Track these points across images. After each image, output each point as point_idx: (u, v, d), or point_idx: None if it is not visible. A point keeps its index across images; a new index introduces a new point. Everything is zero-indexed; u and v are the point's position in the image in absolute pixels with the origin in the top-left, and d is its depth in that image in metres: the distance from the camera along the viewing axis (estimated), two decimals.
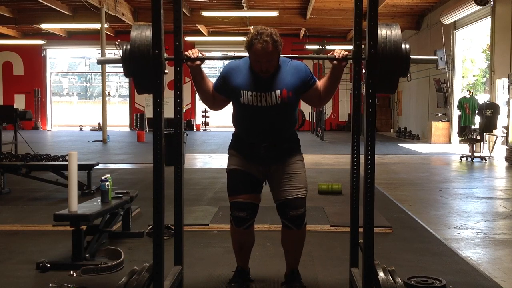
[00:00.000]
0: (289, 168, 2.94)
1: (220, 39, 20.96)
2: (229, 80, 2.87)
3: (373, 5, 2.34)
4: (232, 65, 2.93)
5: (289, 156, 2.97)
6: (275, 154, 2.91)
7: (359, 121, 2.83)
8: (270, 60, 2.74)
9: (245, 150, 2.95)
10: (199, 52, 2.77)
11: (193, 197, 6.12)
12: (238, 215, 2.92)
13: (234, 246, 3.09)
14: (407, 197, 6.42)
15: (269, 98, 2.80)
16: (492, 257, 3.93)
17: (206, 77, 2.90)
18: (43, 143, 15.35)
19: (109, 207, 3.83)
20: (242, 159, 2.95)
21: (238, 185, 2.93)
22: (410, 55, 2.62)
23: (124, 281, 2.39)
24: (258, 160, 2.92)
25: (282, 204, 2.92)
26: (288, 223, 2.93)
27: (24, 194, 6.36)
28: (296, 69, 2.87)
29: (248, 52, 2.77)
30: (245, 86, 2.82)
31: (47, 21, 18.67)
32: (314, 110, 20.25)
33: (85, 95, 41.80)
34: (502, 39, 11.88)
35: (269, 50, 2.70)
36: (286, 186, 2.92)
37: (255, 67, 2.79)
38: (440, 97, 15.95)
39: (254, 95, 2.80)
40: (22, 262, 3.57)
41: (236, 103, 2.89)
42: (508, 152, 10.21)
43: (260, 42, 2.68)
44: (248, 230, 3.00)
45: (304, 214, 2.94)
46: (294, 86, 2.83)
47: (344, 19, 17.27)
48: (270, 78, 2.81)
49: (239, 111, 2.92)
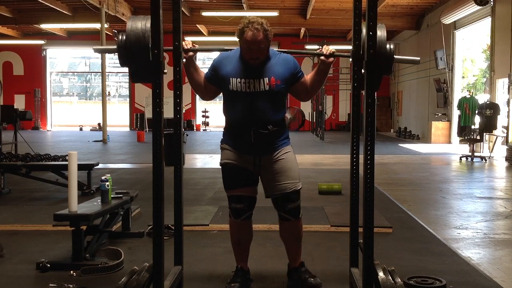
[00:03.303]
0: (280, 161, 3.02)
1: (220, 39, 20.95)
2: (219, 69, 2.99)
3: (372, 5, 2.34)
4: (223, 55, 3.05)
5: (279, 148, 3.03)
6: (264, 139, 2.96)
7: (359, 121, 2.83)
8: (260, 47, 2.85)
9: (236, 140, 3.03)
10: (191, 44, 2.87)
11: (193, 197, 6.12)
12: (235, 207, 3.03)
13: (232, 240, 3.15)
14: (407, 197, 6.41)
15: (257, 84, 2.92)
16: (492, 257, 3.92)
17: (198, 68, 3.02)
18: (43, 143, 15.35)
19: (109, 207, 3.83)
20: (234, 152, 3.04)
21: (232, 180, 3.04)
22: (394, 55, 2.71)
23: (124, 281, 2.39)
24: (248, 150, 2.99)
25: (279, 198, 3.02)
26: (285, 215, 3.04)
27: (24, 194, 6.36)
28: (285, 61, 2.99)
29: (240, 40, 2.88)
30: (234, 74, 2.94)
31: (47, 21, 18.68)
32: (314, 110, 20.25)
33: (85, 95, 41.80)
34: (502, 39, 11.88)
35: (259, 38, 2.82)
36: (280, 181, 3.00)
37: (245, 55, 2.90)
38: (440, 97, 15.95)
39: (243, 82, 2.92)
40: (22, 262, 3.57)
41: (226, 90, 2.99)
42: (508, 152, 10.21)
43: (251, 29, 2.81)
44: (245, 222, 3.08)
45: (300, 205, 3.06)
46: (282, 76, 2.95)
47: (344, 19, 17.26)
48: (259, 66, 2.92)
49: (229, 98, 3.01)
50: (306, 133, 20.63)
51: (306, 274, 3.10)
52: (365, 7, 2.41)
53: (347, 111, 22.78)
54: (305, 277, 3.09)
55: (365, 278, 2.38)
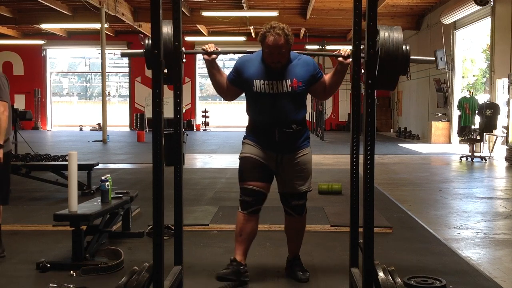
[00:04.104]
0: (300, 162, 3.15)
1: (220, 39, 20.94)
2: (242, 71, 3.09)
3: (372, 5, 2.34)
4: (245, 58, 3.16)
5: (301, 148, 3.16)
6: (287, 137, 3.08)
7: (358, 121, 2.83)
8: (281, 51, 2.95)
9: (260, 138, 3.13)
10: (214, 47, 3.00)
11: (193, 197, 6.12)
12: (245, 199, 3.12)
13: (236, 230, 3.22)
14: (407, 197, 6.42)
15: (280, 86, 3.02)
16: (492, 257, 3.92)
17: (220, 69, 3.15)
18: (43, 143, 15.35)
19: (109, 207, 3.83)
20: (257, 148, 3.14)
21: (248, 172, 3.12)
22: (410, 56, 2.71)
23: (124, 281, 2.39)
24: (272, 147, 3.10)
25: (287, 194, 3.17)
26: (290, 210, 3.20)
27: (24, 194, 6.36)
28: (305, 63, 3.10)
29: (262, 44, 2.99)
30: (257, 76, 3.04)
31: (47, 21, 18.68)
32: (314, 110, 20.24)
33: (85, 95, 41.83)
34: (502, 39, 11.87)
35: (280, 42, 2.92)
36: (295, 180, 3.15)
37: (267, 59, 3.01)
38: (440, 97, 15.94)
39: (266, 83, 3.03)
40: (22, 262, 3.57)
41: (249, 92, 3.10)
42: (508, 152, 10.21)
43: (273, 34, 2.92)
44: (251, 216, 3.14)
45: (305, 203, 3.22)
46: (303, 77, 3.06)
47: (344, 19, 17.26)
48: (281, 69, 3.03)
49: (253, 99, 3.11)
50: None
51: (297, 267, 3.26)
52: (365, 7, 2.41)
53: (347, 111, 22.79)
54: (295, 270, 3.24)
55: (365, 278, 2.38)
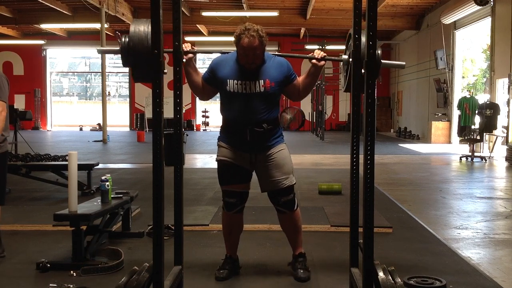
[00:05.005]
0: (275, 158, 3.17)
1: (220, 39, 20.92)
2: (217, 71, 3.14)
3: (372, 5, 2.34)
4: (220, 58, 3.21)
5: (273, 146, 3.19)
6: (258, 137, 3.12)
7: (358, 121, 2.83)
8: (255, 53, 3.00)
9: (232, 138, 3.18)
10: (190, 46, 3.03)
11: (193, 197, 6.12)
12: (229, 201, 3.21)
13: (224, 230, 3.33)
14: (407, 197, 6.42)
15: (253, 86, 3.07)
16: (492, 257, 3.93)
17: (197, 69, 3.20)
18: (43, 143, 15.35)
19: (109, 207, 3.82)
20: (230, 150, 3.19)
21: (227, 176, 3.21)
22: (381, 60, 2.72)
23: (124, 281, 2.39)
24: (244, 147, 3.15)
25: (273, 193, 3.21)
26: (281, 208, 3.23)
27: (24, 194, 6.36)
28: (279, 64, 3.16)
29: (236, 46, 3.04)
30: (231, 76, 3.09)
31: (47, 21, 18.68)
32: (314, 110, 20.25)
33: (85, 95, 41.81)
34: (502, 39, 11.88)
35: (255, 44, 2.97)
36: (275, 177, 3.17)
37: (241, 60, 3.06)
38: (440, 97, 15.94)
39: (239, 83, 3.08)
40: (22, 262, 3.57)
41: (223, 91, 3.15)
42: (508, 152, 10.21)
43: (247, 36, 2.97)
44: (237, 215, 3.26)
45: (294, 198, 3.24)
46: (276, 78, 3.11)
47: (344, 19, 17.26)
48: (255, 70, 3.08)
49: (226, 99, 3.16)
50: (306, 133, 20.63)
51: (299, 265, 3.26)
52: (365, 7, 2.41)
53: (347, 111, 22.78)
54: (297, 267, 3.25)
55: (365, 278, 2.38)
